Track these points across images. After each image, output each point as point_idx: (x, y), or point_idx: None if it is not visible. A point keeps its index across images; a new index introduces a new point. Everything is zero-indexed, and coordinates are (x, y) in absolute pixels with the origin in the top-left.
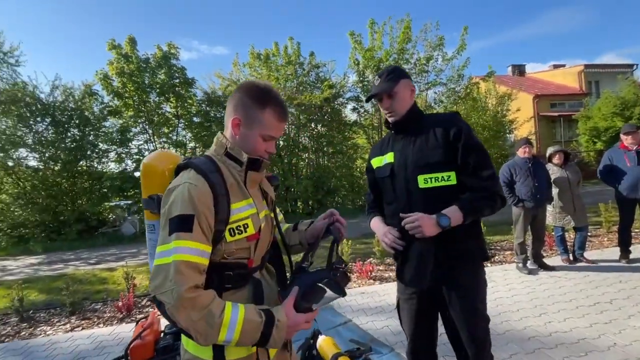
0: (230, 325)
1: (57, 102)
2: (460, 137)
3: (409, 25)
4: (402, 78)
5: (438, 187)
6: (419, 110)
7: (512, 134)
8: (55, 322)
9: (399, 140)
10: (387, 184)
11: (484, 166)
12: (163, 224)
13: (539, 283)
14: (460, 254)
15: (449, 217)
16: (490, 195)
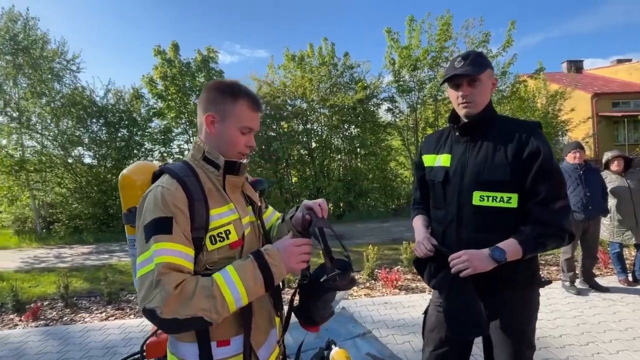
0: (229, 284)
1: (110, 104)
2: (537, 159)
3: (448, 22)
4: (488, 67)
5: (494, 208)
6: (494, 111)
7: (565, 136)
8: (94, 310)
9: (460, 142)
10: (439, 189)
11: (558, 197)
12: (139, 234)
13: (588, 306)
14: (506, 278)
15: (504, 250)
16: (558, 231)
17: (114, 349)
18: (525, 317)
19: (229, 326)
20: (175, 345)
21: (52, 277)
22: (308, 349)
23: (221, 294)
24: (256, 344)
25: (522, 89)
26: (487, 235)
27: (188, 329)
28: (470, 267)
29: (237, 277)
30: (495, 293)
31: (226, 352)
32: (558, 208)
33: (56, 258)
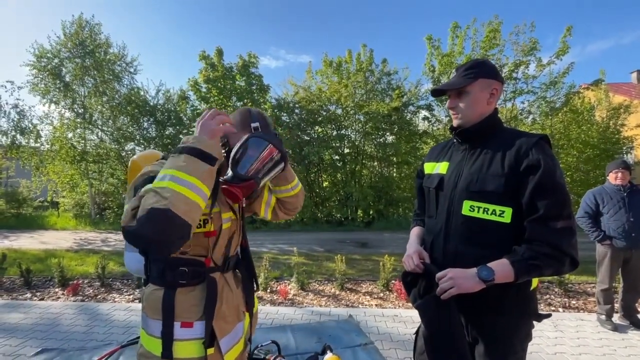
0: (159, 178)
1: (159, 104)
2: (536, 172)
3: (497, 29)
4: (482, 77)
5: (485, 220)
6: (497, 122)
7: (629, 154)
8: (124, 292)
9: (459, 150)
10: (432, 196)
11: (559, 216)
12: (128, 191)
13: (623, 345)
14: (492, 303)
15: (493, 270)
16: (558, 253)
17: (132, 329)
18: (509, 346)
19: (194, 310)
20: (146, 321)
21: (95, 258)
22: (306, 352)
23: (157, 187)
24: (220, 332)
25: (577, 100)
26: (474, 249)
27: (152, 226)
28: (455, 287)
29: (163, 170)
30: (479, 317)
31: (188, 333)
32: (559, 228)
33: (102, 242)
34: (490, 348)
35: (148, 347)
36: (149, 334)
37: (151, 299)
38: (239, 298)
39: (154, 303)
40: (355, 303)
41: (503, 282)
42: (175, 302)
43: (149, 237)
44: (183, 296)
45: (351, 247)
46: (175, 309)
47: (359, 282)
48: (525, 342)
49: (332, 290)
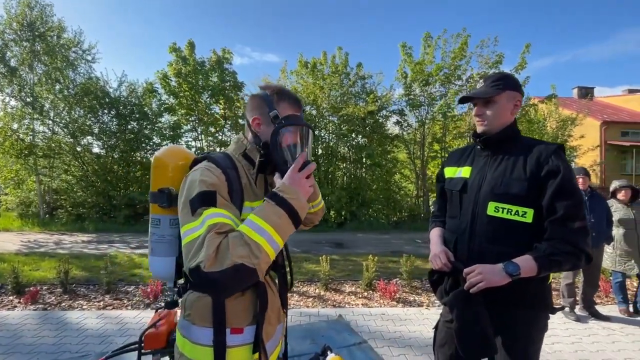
0: (255, 228)
1: (122, 96)
2: (556, 177)
3: (466, 41)
4: (509, 89)
5: (508, 220)
6: (517, 130)
7: (572, 162)
8: (92, 298)
9: (481, 156)
10: (455, 198)
11: (576, 217)
12: (182, 207)
13: (587, 333)
14: (516, 297)
15: (519, 265)
16: (575, 250)
17: (110, 338)
18: (530, 338)
19: (244, 315)
20: (189, 329)
21: (52, 262)
22: (303, 354)
23: (252, 239)
24: (266, 336)
25: (531, 112)
26: (498, 247)
27: (234, 281)
28: (485, 281)
29: (259, 219)
30: (502, 311)
31: (239, 339)
32: (577, 227)
33: (56, 244)
34: (512, 341)
35: (193, 356)
36: (195, 342)
37: (197, 306)
38: (278, 299)
39: (202, 310)
40: (342, 303)
41: (527, 276)
42: (225, 309)
43: (228, 287)
44: (233, 302)
45: (328, 248)
46: (226, 315)
47: (342, 283)
48: (542, 333)
49: (317, 290)
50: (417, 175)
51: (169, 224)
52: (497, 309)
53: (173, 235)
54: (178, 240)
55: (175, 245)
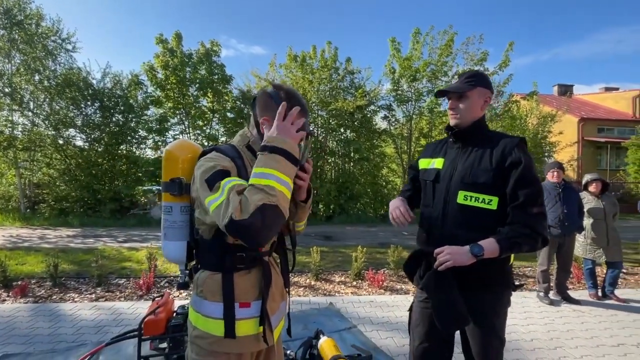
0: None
1: (107, 88)
2: (518, 167)
3: (452, 39)
4: (481, 86)
5: (476, 208)
6: (485, 125)
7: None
8: (83, 291)
9: (453, 148)
10: (429, 188)
11: (534, 203)
12: (200, 188)
13: (559, 315)
14: (481, 279)
15: (483, 247)
16: (533, 233)
17: (105, 328)
18: (495, 312)
19: (251, 291)
20: (202, 304)
21: (38, 256)
22: (296, 338)
23: (262, 184)
24: (270, 310)
25: (514, 108)
26: (467, 232)
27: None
28: (452, 260)
29: (260, 169)
30: (470, 291)
31: (246, 313)
32: (535, 213)
33: (40, 239)
34: (480, 315)
35: (205, 329)
36: (208, 315)
37: (209, 283)
38: (281, 279)
39: (213, 287)
40: (332, 292)
41: (490, 257)
42: (234, 285)
43: (260, 229)
44: (241, 279)
45: (317, 241)
46: (235, 291)
47: (331, 273)
48: (506, 307)
49: (308, 280)
50: (404, 170)
51: (180, 211)
52: (467, 288)
53: (184, 221)
54: (189, 226)
55: (186, 231)
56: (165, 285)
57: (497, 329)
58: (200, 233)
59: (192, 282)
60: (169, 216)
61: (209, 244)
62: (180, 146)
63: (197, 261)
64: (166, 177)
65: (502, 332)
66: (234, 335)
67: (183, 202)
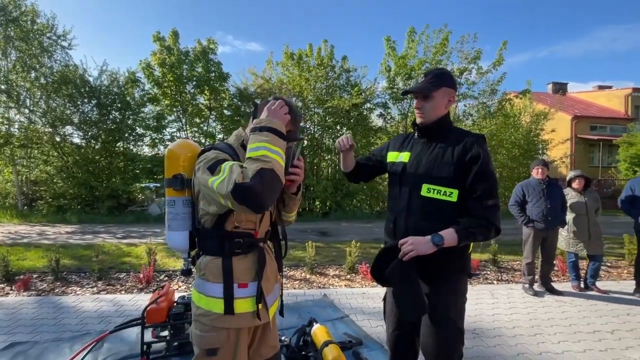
0: (253, 149)
1: (103, 85)
2: (477, 162)
3: (447, 37)
4: (445, 85)
5: (438, 200)
6: (449, 122)
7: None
8: (85, 284)
9: (419, 143)
10: (396, 181)
11: (490, 196)
12: (203, 175)
13: (541, 305)
14: (441, 266)
15: (443, 236)
16: (487, 224)
17: (108, 319)
18: (451, 301)
19: (248, 273)
20: (204, 285)
21: (38, 252)
22: (291, 327)
23: (256, 155)
24: (265, 291)
25: (508, 106)
26: (430, 223)
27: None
28: (415, 250)
29: (251, 144)
30: (432, 276)
31: (244, 292)
32: (490, 205)
33: (39, 235)
34: (444, 297)
35: (208, 307)
36: (209, 295)
37: (210, 267)
38: (274, 263)
39: (214, 270)
40: (326, 285)
41: (449, 245)
42: (233, 268)
43: (261, 191)
44: (239, 262)
45: (313, 236)
46: (234, 273)
47: (326, 267)
48: (463, 297)
49: (303, 274)
50: None
51: (182, 204)
52: (428, 275)
53: (186, 213)
54: (191, 217)
55: (188, 222)
56: (164, 278)
57: (453, 319)
58: (202, 222)
59: (195, 268)
60: (173, 209)
61: (210, 232)
62: (181, 145)
63: (199, 248)
64: (169, 174)
65: (460, 322)
66: (233, 312)
67: (185, 196)
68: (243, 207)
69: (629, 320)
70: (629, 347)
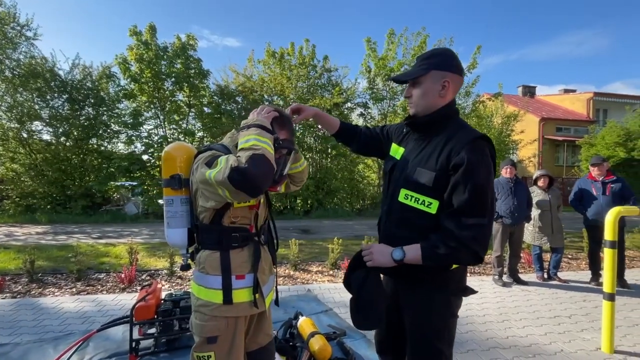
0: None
1: (75, 80)
2: (457, 170)
3: (425, 40)
4: (435, 68)
5: (415, 208)
6: (449, 114)
7: (514, 154)
8: (63, 286)
9: (413, 139)
10: (385, 178)
11: (470, 213)
12: (201, 169)
13: (509, 295)
14: (411, 281)
15: (405, 252)
16: (460, 247)
17: (91, 319)
18: (426, 319)
19: (244, 265)
20: (204, 278)
21: (10, 254)
22: (277, 321)
23: (247, 146)
24: (261, 281)
25: (481, 108)
26: (404, 232)
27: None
28: (372, 260)
29: (243, 138)
30: (402, 294)
31: (242, 283)
32: (467, 225)
33: (7, 236)
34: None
35: (208, 298)
36: (209, 287)
37: (209, 260)
38: (269, 256)
39: (213, 263)
40: (310, 280)
41: (413, 263)
42: (230, 260)
43: (255, 173)
44: (236, 255)
45: (295, 234)
46: (231, 265)
47: (309, 264)
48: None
49: (287, 271)
50: (379, 165)
51: (180, 203)
52: (400, 289)
53: (184, 211)
54: (188, 215)
55: (186, 219)
56: (146, 278)
57: (429, 338)
58: (201, 219)
59: (193, 263)
60: (171, 207)
61: (208, 228)
62: (177, 148)
63: (198, 243)
64: (166, 175)
65: (438, 342)
66: (232, 301)
67: (182, 195)
68: (239, 191)
69: (585, 306)
70: (583, 329)
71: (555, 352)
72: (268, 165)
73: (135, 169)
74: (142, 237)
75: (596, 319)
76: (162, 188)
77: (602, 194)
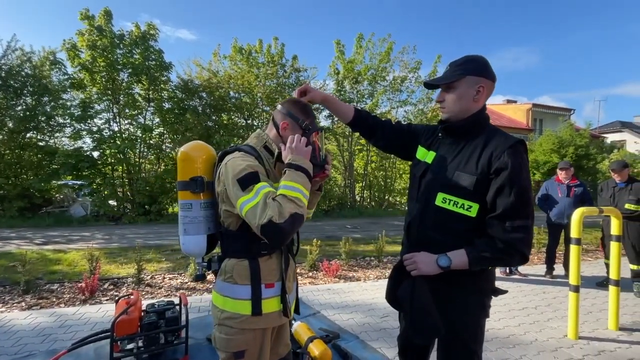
0: (291, 189)
1: (11, 65)
2: (502, 174)
3: (391, 47)
4: (470, 74)
5: (453, 212)
6: (483, 119)
7: None
8: (8, 300)
9: (445, 144)
10: (415, 183)
11: (516, 215)
12: (232, 186)
13: None
14: (450, 285)
15: (450, 259)
16: (508, 249)
17: (53, 336)
18: (464, 322)
19: (274, 273)
20: (232, 288)
21: None
22: None
23: (292, 196)
24: (288, 289)
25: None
26: (441, 237)
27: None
28: (417, 270)
29: (289, 182)
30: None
31: (271, 292)
32: (514, 227)
33: None
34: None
35: (235, 310)
36: (237, 298)
37: (237, 269)
38: (294, 263)
39: (241, 271)
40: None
41: (458, 269)
42: (260, 269)
43: (289, 233)
44: (265, 263)
45: None
46: (261, 273)
47: None
48: (478, 317)
49: None
50: (345, 166)
51: (200, 207)
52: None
53: (204, 216)
54: (208, 220)
55: (205, 225)
56: (110, 287)
57: (466, 341)
58: (226, 225)
59: (209, 273)
60: (189, 212)
61: (235, 235)
62: (195, 147)
63: (223, 251)
64: (184, 177)
65: (473, 344)
66: (261, 312)
67: (202, 199)
68: (265, 239)
69: (545, 297)
70: (549, 319)
71: (530, 342)
72: (301, 222)
73: (84, 167)
74: (97, 241)
75: (557, 308)
76: (178, 191)
77: (566, 195)
